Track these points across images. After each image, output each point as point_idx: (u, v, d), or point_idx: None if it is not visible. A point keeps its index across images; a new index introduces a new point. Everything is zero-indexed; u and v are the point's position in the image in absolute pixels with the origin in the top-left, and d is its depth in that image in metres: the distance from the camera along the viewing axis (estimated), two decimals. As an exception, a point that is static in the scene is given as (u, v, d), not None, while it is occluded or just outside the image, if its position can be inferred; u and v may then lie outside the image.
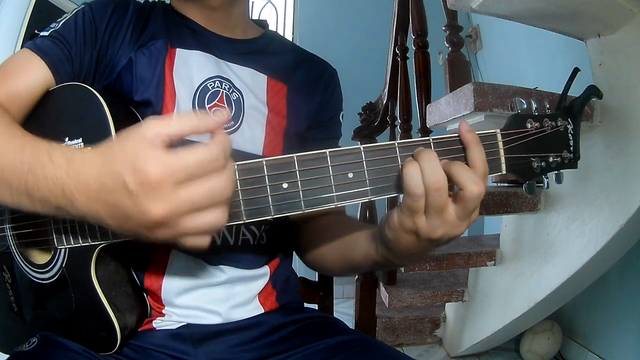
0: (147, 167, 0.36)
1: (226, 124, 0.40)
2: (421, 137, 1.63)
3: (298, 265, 0.77)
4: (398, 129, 1.83)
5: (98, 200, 0.39)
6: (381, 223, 0.50)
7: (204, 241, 0.39)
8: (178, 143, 0.38)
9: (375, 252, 0.53)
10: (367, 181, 0.44)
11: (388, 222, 0.47)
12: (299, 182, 0.44)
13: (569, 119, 0.49)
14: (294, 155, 0.44)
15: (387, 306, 1.68)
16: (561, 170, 0.49)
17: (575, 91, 0.51)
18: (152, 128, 0.37)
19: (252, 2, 3.14)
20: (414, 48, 1.65)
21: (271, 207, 0.44)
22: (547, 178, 0.49)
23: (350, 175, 0.44)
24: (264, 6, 3.21)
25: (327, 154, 0.44)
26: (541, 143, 0.48)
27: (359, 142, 2.10)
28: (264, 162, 0.44)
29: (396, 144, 0.45)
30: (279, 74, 0.72)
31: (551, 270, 1.34)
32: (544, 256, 1.38)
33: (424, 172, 0.42)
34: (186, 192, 0.36)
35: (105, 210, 0.39)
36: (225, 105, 0.65)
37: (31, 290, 0.61)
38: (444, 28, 1.66)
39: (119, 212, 0.38)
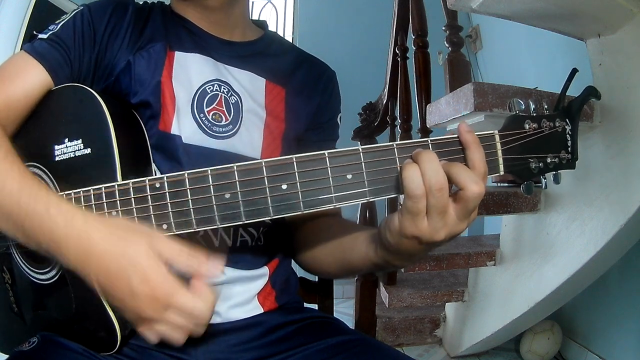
0: (155, 280, 0.43)
1: (217, 276, 0.46)
2: (421, 137, 1.63)
3: (298, 266, 0.77)
4: (398, 129, 1.83)
5: (94, 273, 0.45)
6: (381, 227, 0.50)
7: (174, 339, 0.46)
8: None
9: (375, 255, 0.53)
10: (366, 182, 0.44)
11: (389, 226, 0.47)
12: (298, 183, 0.44)
13: (567, 120, 0.49)
14: (293, 156, 0.44)
15: (387, 306, 1.68)
16: (559, 171, 0.49)
17: (575, 91, 0.51)
18: (162, 243, 0.45)
19: (252, 2, 3.14)
20: (414, 48, 1.65)
21: (270, 208, 0.44)
22: (545, 179, 0.49)
23: (349, 176, 0.44)
24: (264, 6, 3.21)
25: (326, 155, 0.44)
26: (539, 144, 0.48)
27: (359, 142, 2.11)
28: (263, 164, 0.44)
29: (394, 145, 0.45)
30: (277, 76, 0.71)
31: (551, 270, 1.34)
32: (544, 256, 1.38)
33: (425, 173, 0.42)
34: (172, 315, 0.44)
35: (98, 282, 0.45)
36: (224, 109, 0.65)
37: (31, 291, 0.61)
38: (444, 28, 1.66)
39: (112, 291, 0.45)
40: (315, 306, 0.88)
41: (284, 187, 0.44)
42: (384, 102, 2.05)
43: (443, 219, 0.43)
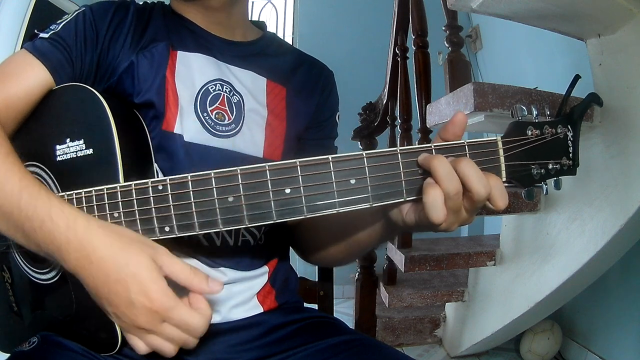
0: (154, 293, 0.44)
1: (216, 292, 0.47)
2: (421, 137, 1.62)
3: (298, 265, 0.77)
4: (398, 129, 1.83)
5: (93, 278, 0.45)
6: (393, 214, 0.51)
7: (166, 350, 0.47)
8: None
9: (383, 232, 0.56)
10: (369, 187, 0.45)
11: (404, 219, 0.49)
12: (301, 187, 0.44)
13: (569, 126, 0.49)
14: (297, 160, 0.44)
15: (387, 306, 1.69)
16: (560, 177, 0.49)
17: (576, 91, 0.51)
18: (163, 257, 0.46)
19: (252, 3, 3.14)
20: (414, 48, 1.65)
21: (273, 212, 0.45)
22: (546, 184, 0.49)
23: (353, 181, 0.44)
24: (264, 6, 3.21)
25: (330, 159, 0.44)
26: (541, 150, 0.48)
27: (359, 142, 2.10)
28: (267, 167, 0.44)
29: (398, 151, 0.45)
30: (278, 76, 0.72)
31: (551, 270, 1.35)
32: (544, 256, 1.38)
33: (442, 181, 0.43)
34: (167, 327, 0.45)
35: (96, 288, 0.46)
36: (227, 108, 0.65)
37: (31, 291, 0.61)
38: (444, 28, 1.66)
39: (109, 298, 0.45)
40: (315, 306, 0.88)
41: (288, 191, 0.44)
42: (384, 102, 2.05)
43: (456, 215, 0.45)
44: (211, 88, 0.65)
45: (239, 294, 0.66)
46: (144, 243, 0.46)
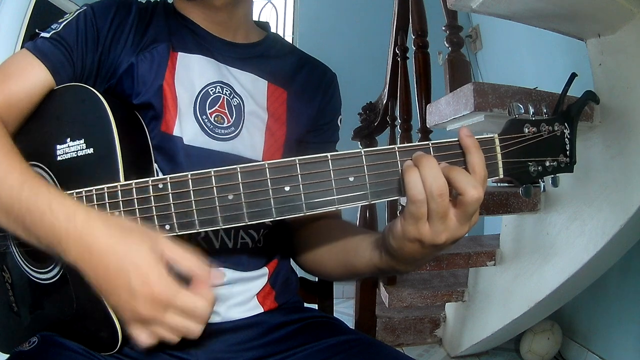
0: (155, 282, 0.43)
1: (218, 282, 0.46)
2: (421, 137, 1.62)
3: (298, 267, 0.77)
4: (398, 129, 1.83)
5: (93, 270, 0.45)
6: (384, 232, 0.51)
7: (169, 340, 0.45)
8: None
9: (380, 260, 0.54)
10: (368, 184, 0.45)
11: (392, 231, 0.48)
12: (300, 185, 0.44)
13: (566, 124, 0.49)
14: (296, 158, 0.45)
15: (387, 306, 1.68)
16: (557, 175, 0.50)
17: (574, 90, 0.51)
18: (164, 245, 0.44)
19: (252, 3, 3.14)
20: (414, 48, 1.65)
21: (273, 209, 0.45)
22: (543, 182, 0.49)
23: (351, 178, 0.45)
24: (264, 6, 3.21)
25: (329, 157, 0.45)
26: (538, 147, 0.48)
27: (359, 142, 2.10)
28: (266, 165, 0.44)
29: (396, 148, 0.45)
30: (279, 79, 0.71)
31: (551, 270, 1.35)
32: (544, 256, 1.38)
33: (425, 179, 0.42)
34: (171, 316, 0.44)
35: (97, 279, 0.45)
36: (226, 111, 0.65)
37: (31, 290, 0.61)
38: (444, 28, 1.66)
39: (110, 289, 0.45)
40: (315, 306, 0.88)
41: (287, 188, 0.44)
42: (384, 102, 2.05)
43: (444, 223, 0.44)
44: (211, 90, 0.65)
45: (239, 294, 0.66)
46: (144, 232, 0.45)
